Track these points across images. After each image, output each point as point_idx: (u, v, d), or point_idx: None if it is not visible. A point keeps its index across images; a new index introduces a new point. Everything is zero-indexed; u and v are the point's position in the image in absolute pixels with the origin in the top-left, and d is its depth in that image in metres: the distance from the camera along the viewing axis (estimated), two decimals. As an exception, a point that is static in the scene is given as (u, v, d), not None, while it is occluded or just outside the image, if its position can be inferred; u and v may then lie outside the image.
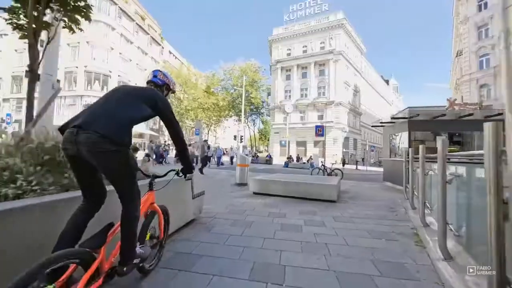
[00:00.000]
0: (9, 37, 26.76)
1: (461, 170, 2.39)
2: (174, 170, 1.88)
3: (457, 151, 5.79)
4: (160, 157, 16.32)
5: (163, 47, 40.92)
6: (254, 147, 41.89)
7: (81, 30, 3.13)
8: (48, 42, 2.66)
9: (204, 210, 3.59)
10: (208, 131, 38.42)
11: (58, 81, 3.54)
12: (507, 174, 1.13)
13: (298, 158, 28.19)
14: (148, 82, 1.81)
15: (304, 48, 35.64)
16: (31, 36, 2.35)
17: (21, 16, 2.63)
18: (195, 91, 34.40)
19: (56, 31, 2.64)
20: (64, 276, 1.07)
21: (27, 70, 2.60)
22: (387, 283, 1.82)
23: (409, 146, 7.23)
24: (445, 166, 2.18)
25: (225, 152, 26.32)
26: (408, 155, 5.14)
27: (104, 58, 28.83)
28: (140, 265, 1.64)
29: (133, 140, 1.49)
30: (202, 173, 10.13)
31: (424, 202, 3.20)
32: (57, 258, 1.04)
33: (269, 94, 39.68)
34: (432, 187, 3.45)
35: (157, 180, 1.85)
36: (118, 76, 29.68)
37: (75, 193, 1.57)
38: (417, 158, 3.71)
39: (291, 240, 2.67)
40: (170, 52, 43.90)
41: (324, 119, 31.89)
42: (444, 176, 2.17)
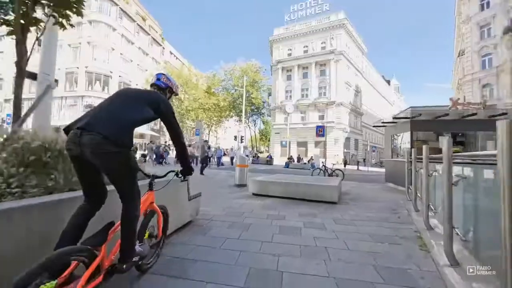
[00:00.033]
0: (10, 38, 26.84)
1: (467, 171, 2.29)
2: (173, 171, 1.90)
3: (461, 152, 5.68)
4: (160, 157, 16.30)
5: (164, 48, 41.00)
6: (255, 148, 41.80)
7: (72, 26, 3.05)
8: (37, 38, 2.59)
9: (201, 211, 3.50)
10: (209, 132, 38.42)
11: (56, 81, 3.47)
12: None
13: (299, 159, 28.08)
14: (151, 85, 1.85)
15: (305, 48, 35.48)
16: (19, 32, 2.29)
17: (9, 12, 2.57)
18: (196, 92, 34.37)
19: (46, 27, 2.57)
20: (66, 272, 1.12)
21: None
22: (390, 291, 1.72)
23: (411, 147, 7.13)
24: (451, 167, 2.08)
25: (225, 152, 26.25)
26: (410, 155, 5.03)
27: (105, 58, 28.90)
28: (139, 263, 1.67)
29: (133, 140, 1.50)
30: (203, 174, 10.05)
31: (428, 204, 3.09)
32: (60, 254, 1.08)
33: (269, 94, 39.59)
34: (436, 188, 3.34)
35: (156, 180, 1.89)
36: (119, 76, 29.74)
37: (76, 193, 1.60)
38: (420, 158, 3.60)
39: (289, 244, 2.57)
40: (171, 53, 43.98)
41: (325, 120, 31.70)
42: (450, 177, 2.07)
